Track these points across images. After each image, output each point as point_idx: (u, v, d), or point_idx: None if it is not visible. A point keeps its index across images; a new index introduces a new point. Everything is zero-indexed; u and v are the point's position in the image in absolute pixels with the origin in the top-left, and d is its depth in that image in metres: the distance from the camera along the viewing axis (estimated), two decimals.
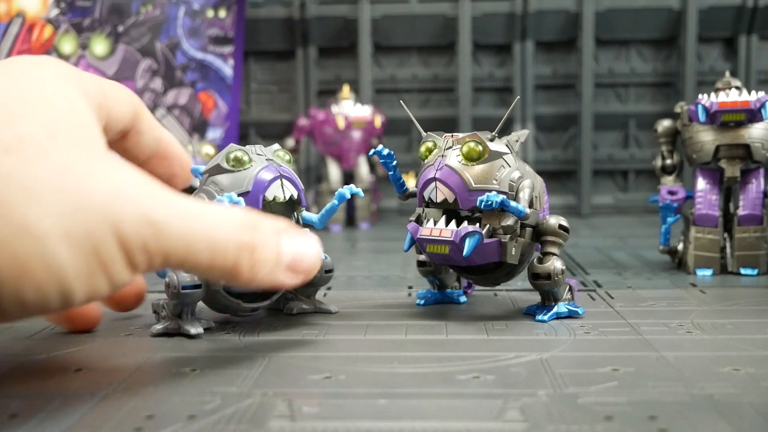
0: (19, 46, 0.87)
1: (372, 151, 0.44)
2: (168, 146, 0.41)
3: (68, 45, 0.92)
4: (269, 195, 0.42)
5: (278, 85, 1.20)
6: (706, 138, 0.59)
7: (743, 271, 0.59)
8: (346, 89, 1.03)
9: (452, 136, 0.43)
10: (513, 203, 0.41)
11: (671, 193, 0.63)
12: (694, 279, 0.58)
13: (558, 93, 1.17)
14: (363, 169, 1.02)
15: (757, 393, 0.30)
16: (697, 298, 0.50)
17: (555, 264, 0.43)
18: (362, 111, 1.01)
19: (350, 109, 1.01)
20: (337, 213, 0.45)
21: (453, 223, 0.42)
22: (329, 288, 0.55)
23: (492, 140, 0.42)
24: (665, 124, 0.65)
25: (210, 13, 1.05)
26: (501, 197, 0.40)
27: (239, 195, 0.41)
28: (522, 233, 0.43)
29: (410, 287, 0.56)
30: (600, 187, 1.17)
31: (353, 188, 0.44)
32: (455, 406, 0.29)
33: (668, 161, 0.65)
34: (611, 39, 1.15)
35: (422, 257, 0.47)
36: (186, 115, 1.04)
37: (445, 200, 0.42)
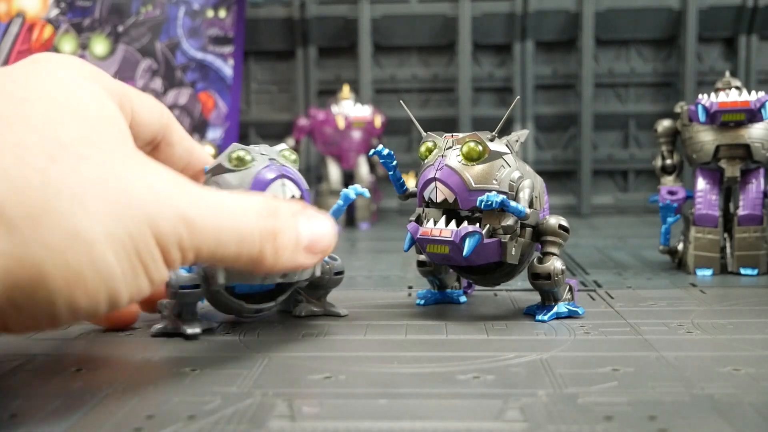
0: (19, 46, 0.87)
1: (372, 151, 0.44)
2: (201, 159, 0.42)
3: (68, 45, 0.92)
4: (269, 195, 0.41)
5: (278, 85, 1.20)
6: (706, 138, 0.59)
7: (743, 271, 0.59)
8: (346, 89, 1.03)
9: (452, 136, 0.43)
10: (513, 203, 0.41)
11: (671, 193, 0.63)
12: (694, 279, 0.58)
13: (558, 93, 1.17)
14: (363, 169, 1.02)
15: (757, 393, 0.30)
16: (697, 298, 0.50)
17: (555, 264, 0.43)
18: (362, 111, 1.01)
19: (350, 109, 1.01)
20: None
21: (453, 223, 0.42)
22: None
23: (492, 140, 0.42)
24: (665, 124, 0.65)
25: (210, 13, 1.05)
26: (501, 197, 0.40)
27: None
28: (522, 233, 0.43)
29: (410, 287, 0.56)
30: (600, 187, 1.17)
31: (358, 188, 0.43)
32: (455, 406, 0.29)
33: (668, 161, 0.65)
34: (611, 39, 1.15)
35: (422, 257, 0.47)
36: (186, 115, 1.04)
37: (445, 200, 0.42)
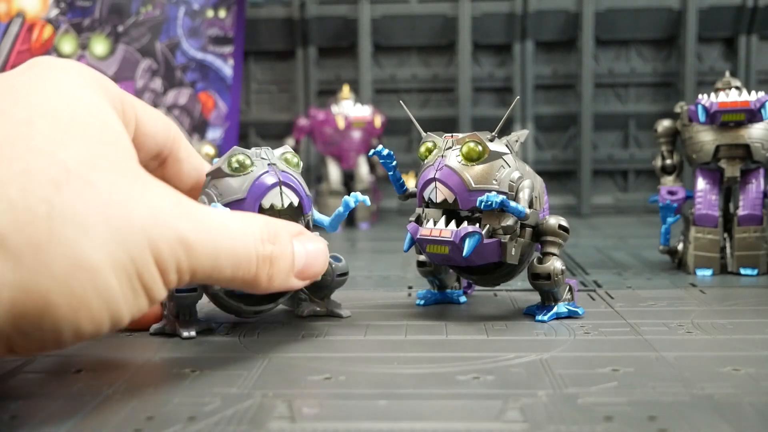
0: (19, 46, 0.87)
1: (372, 152, 0.44)
2: None
3: (68, 45, 0.92)
4: (266, 203, 0.40)
5: (278, 85, 1.20)
6: (706, 138, 0.59)
7: (743, 271, 0.59)
8: (346, 89, 1.03)
9: (452, 137, 0.43)
10: (513, 203, 0.41)
11: (671, 193, 0.63)
12: (694, 279, 0.58)
13: (558, 93, 1.17)
14: (363, 169, 1.02)
15: (757, 393, 0.30)
16: (697, 298, 0.50)
17: (555, 264, 0.43)
18: (362, 111, 1.01)
19: (350, 109, 1.01)
20: None
21: (453, 224, 0.42)
22: None
23: (492, 140, 0.42)
24: (665, 124, 0.65)
25: (210, 13, 1.05)
26: (501, 197, 0.40)
27: (236, 201, 0.40)
28: (522, 233, 0.43)
29: (410, 287, 0.56)
30: (600, 187, 1.17)
31: (359, 196, 0.43)
32: (455, 407, 0.29)
33: (668, 161, 0.65)
34: (611, 39, 1.15)
35: (422, 257, 0.47)
36: (186, 115, 1.04)
37: (445, 200, 0.42)
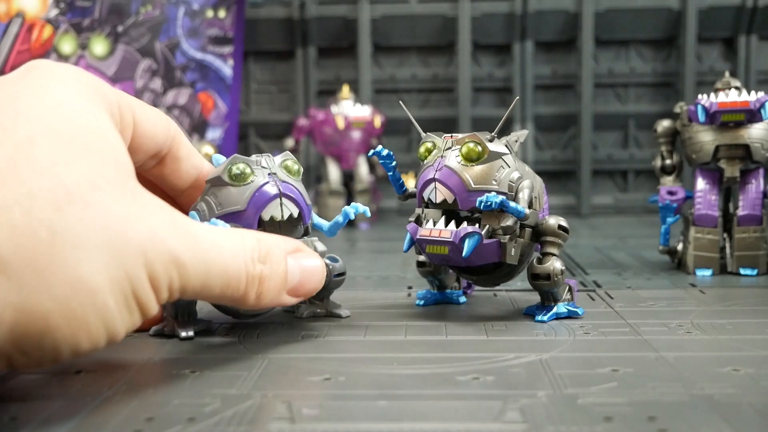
0: (19, 46, 0.87)
1: (371, 152, 0.44)
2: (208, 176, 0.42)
3: (68, 45, 0.92)
4: (266, 215, 0.40)
5: (278, 85, 1.20)
6: (706, 138, 0.59)
7: (743, 272, 0.59)
8: (346, 89, 1.03)
9: (451, 137, 0.43)
10: (512, 204, 0.41)
11: (671, 194, 0.63)
12: (694, 279, 0.58)
13: (557, 93, 1.17)
14: (363, 169, 1.02)
15: (757, 393, 0.30)
16: (697, 299, 0.50)
17: (554, 264, 0.43)
18: (362, 111, 1.01)
19: (350, 109, 1.01)
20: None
21: (452, 224, 0.42)
22: None
23: (491, 141, 0.42)
24: (665, 125, 0.65)
25: (209, 13, 1.05)
26: (500, 198, 0.40)
27: (235, 212, 0.39)
28: (521, 234, 0.43)
29: (410, 287, 0.56)
30: (599, 187, 1.17)
31: (359, 207, 0.44)
32: (455, 407, 0.29)
33: (668, 161, 0.65)
34: (611, 39, 1.15)
35: (422, 257, 0.47)
36: (186, 116, 1.04)
37: (445, 201, 0.42)
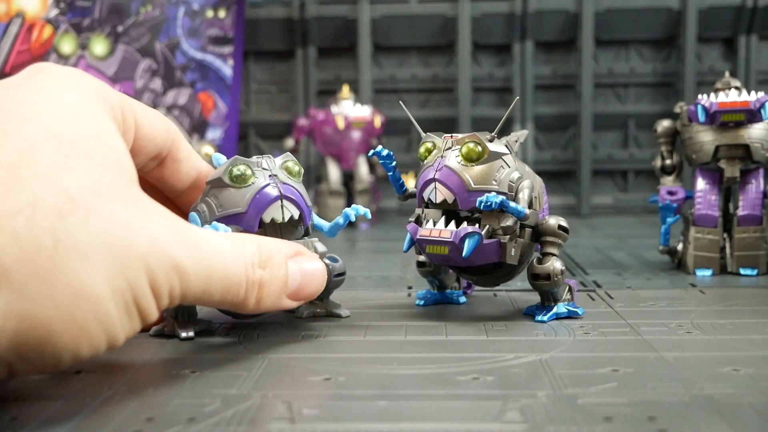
0: (19, 46, 0.87)
1: (371, 152, 0.44)
2: (208, 177, 0.42)
3: (68, 45, 0.92)
4: (266, 217, 0.40)
5: (278, 86, 1.20)
6: (706, 138, 0.59)
7: (743, 272, 0.59)
8: (346, 89, 1.03)
9: (451, 137, 0.43)
10: (512, 204, 0.41)
11: (671, 194, 0.63)
12: (694, 279, 0.58)
13: (557, 93, 1.17)
14: (363, 169, 1.02)
15: (757, 393, 0.30)
16: (697, 299, 0.50)
17: (554, 264, 0.43)
18: (362, 111, 1.01)
19: (350, 109, 1.01)
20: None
21: (452, 224, 0.42)
22: None
23: (491, 141, 0.42)
24: (665, 125, 0.65)
25: (209, 13, 1.05)
26: (500, 198, 0.40)
27: (236, 214, 0.40)
28: (521, 234, 0.43)
29: (410, 287, 0.56)
30: (599, 188, 1.17)
31: (360, 209, 0.44)
32: (455, 408, 0.29)
33: (668, 161, 0.65)
34: (611, 39, 1.15)
35: (422, 258, 0.47)
36: (185, 116, 1.04)
37: (445, 201, 0.42)
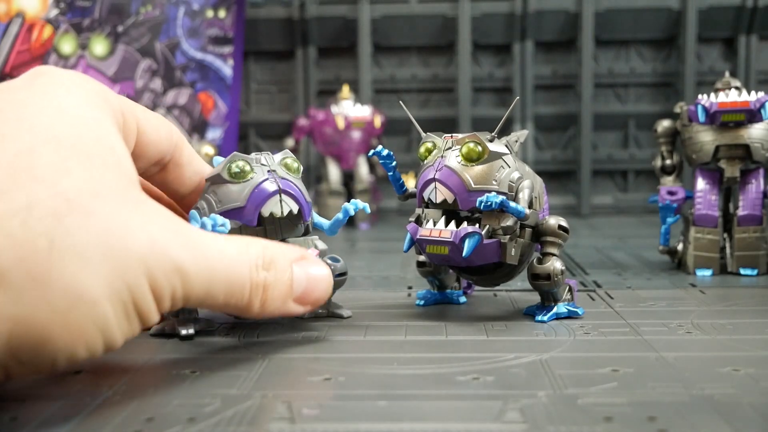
0: (19, 46, 0.87)
1: (371, 152, 0.44)
2: None
3: (68, 45, 0.92)
4: (265, 211, 0.40)
5: (278, 85, 1.20)
6: (706, 138, 0.59)
7: (743, 272, 0.59)
8: (346, 89, 1.03)
9: (452, 137, 0.43)
10: (512, 204, 0.41)
11: (671, 194, 0.63)
12: (694, 279, 0.58)
13: (557, 93, 1.17)
14: (363, 169, 1.02)
15: (757, 393, 0.30)
16: (697, 299, 0.50)
17: (555, 264, 0.43)
18: (362, 111, 1.01)
19: (350, 109, 1.01)
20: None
21: (452, 224, 0.42)
22: None
23: (491, 141, 0.42)
24: (665, 125, 0.65)
25: (209, 13, 1.05)
26: (500, 198, 0.40)
27: (235, 209, 0.40)
28: (521, 234, 0.43)
29: (410, 287, 0.56)
30: (600, 188, 1.17)
31: (359, 203, 0.44)
32: (455, 408, 0.29)
33: (668, 161, 0.65)
34: (611, 39, 1.15)
35: (422, 258, 0.47)
36: (185, 116, 1.04)
37: (445, 201, 0.42)
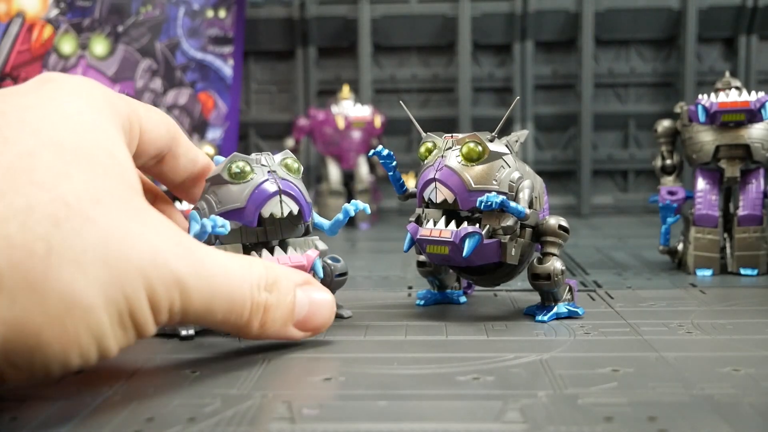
0: (19, 46, 0.87)
1: (372, 152, 0.44)
2: (205, 168, 0.42)
3: (68, 45, 0.92)
4: (265, 212, 0.40)
5: (278, 85, 1.20)
6: (706, 138, 0.59)
7: (743, 272, 0.59)
8: (346, 89, 1.03)
9: (452, 137, 0.43)
10: (513, 204, 0.41)
11: (671, 194, 0.63)
12: (694, 279, 0.58)
13: (558, 93, 1.17)
14: (363, 169, 1.02)
15: (757, 393, 0.30)
16: (697, 299, 0.50)
17: (555, 264, 0.43)
18: (362, 111, 1.01)
19: (350, 109, 1.01)
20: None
21: (453, 224, 0.42)
22: None
23: (492, 141, 0.42)
24: (665, 125, 0.65)
25: (210, 13, 1.05)
26: (501, 198, 0.40)
27: (235, 210, 0.40)
28: (522, 234, 0.43)
29: (410, 287, 0.56)
30: (600, 187, 1.17)
31: (359, 204, 0.43)
32: (455, 408, 0.29)
33: (668, 161, 0.65)
34: (611, 39, 1.15)
35: (422, 257, 0.47)
36: (186, 116, 1.04)
37: (445, 201, 0.42)
